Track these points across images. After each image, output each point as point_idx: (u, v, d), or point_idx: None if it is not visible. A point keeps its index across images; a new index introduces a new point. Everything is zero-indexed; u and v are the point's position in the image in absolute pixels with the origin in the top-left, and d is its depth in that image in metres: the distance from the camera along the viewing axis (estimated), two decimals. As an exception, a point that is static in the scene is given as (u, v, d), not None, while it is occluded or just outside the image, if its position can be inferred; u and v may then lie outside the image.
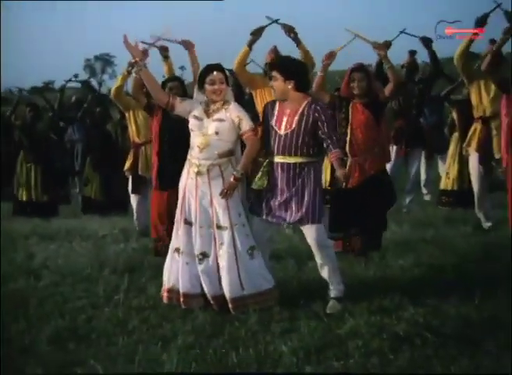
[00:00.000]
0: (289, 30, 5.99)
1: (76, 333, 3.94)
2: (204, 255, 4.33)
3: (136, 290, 4.77)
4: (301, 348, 3.55)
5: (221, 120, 4.30)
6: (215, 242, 4.33)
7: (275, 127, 4.38)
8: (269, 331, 3.86)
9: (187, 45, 5.78)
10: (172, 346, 3.69)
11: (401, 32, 6.69)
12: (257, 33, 6.10)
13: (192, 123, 4.36)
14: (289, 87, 4.32)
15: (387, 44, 6.29)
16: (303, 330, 3.82)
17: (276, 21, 6.01)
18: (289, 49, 6.35)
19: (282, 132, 4.33)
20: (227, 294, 4.26)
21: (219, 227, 4.31)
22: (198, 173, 4.32)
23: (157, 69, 6.06)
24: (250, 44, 6.12)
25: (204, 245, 4.33)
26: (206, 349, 3.62)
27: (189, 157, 4.41)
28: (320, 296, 4.33)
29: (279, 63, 4.56)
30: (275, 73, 4.38)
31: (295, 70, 4.39)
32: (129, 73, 6.68)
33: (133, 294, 4.67)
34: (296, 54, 5.82)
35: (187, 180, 4.40)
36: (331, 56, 5.14)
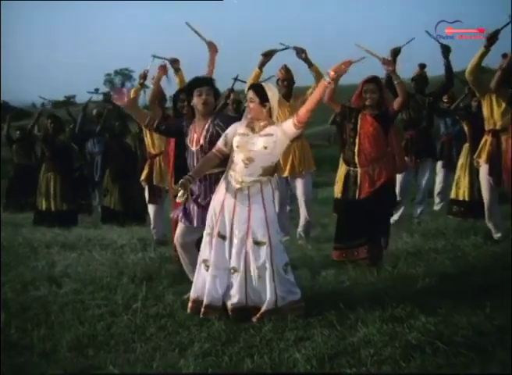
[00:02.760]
0: (301, 52, 6.04)
1: (95, 340, 3.95)
2: (235, 270, 4.32)
3: (153, 298, 4.77)
4: (315, 356, 3.54)
5: (268, 135, 4.32)
6: (247, 257, 4.31)
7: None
8: (283, 339, 3.85)
9: (212, 47, 5.82)
10: (188, 353, 3.69)
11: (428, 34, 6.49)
12: (268, 55, 6.15)
13: (237, 140, 4.36)
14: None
15: (396, 50, 6.27)
16: (316, 338, 3.80)
17: (289, 47, 6.07)
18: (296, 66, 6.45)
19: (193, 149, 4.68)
20: (263, 307, 4.25)
21: (257, 243, 4.30)
22: (239, 190, 4.33)
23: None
24: (261, 66, 6.17)
25: (237, 260, 4.33)
26: (222, 356, 3.63)
27: (231, 173, 4.39)
28: (333, 305, 4.31)
29: (207, 81, 4.76)
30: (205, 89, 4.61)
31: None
32: (141, 85, 6.76)
33: (150, 302, 4.69)
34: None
35: (225, 195, 4.38)
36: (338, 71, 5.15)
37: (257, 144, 4.31)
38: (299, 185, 6.78)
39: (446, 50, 6.90)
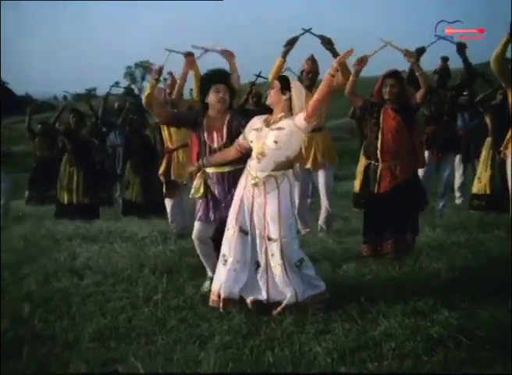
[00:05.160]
0: (327, 42, 5.98)
1: (117, 332, 3.98)
2: (258, 264, 4.36)
3: (174, 290, 4.79)
4: (336, 349, 3.54)
5: (280, 129, 4.29)
6: (267, 252, 4.33)
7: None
8: (304, 332, 3.85)
9: (227, 55, 5.75)
10: (209, 345, 3.70)
11: (438, 37, 6.49)
12: (291, 43, 6.11)
13: (252, 135, 4.39)
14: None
15: (420, 51, 6.21)
16: (337, 332, 3.80)
17: (309, 31, 6.00)
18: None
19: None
20: (284, 302, 4.26)
21: (270, 239, 4.31)
22: (255, 185, 4.34)
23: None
24: (285, 55, 6.15)
25: (258, 254, 4.36)
26: (242, 349, 3.63)
27: (248, 168, 4.42)
28: (354, 298, 4.29)
29: (221, 76, 4.75)
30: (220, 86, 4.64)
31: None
32: (156, 80, 6.76)
33: (171, 294, 4.71)
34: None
35: (244, 190, 4.40)
36: (363, 61, 5.11)
37: (268, 138, 4.30)
38: (321, 177, 6.75)
39: (461, 47, 6.84)
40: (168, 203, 7.32)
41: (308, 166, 6.68)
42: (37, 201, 11.23)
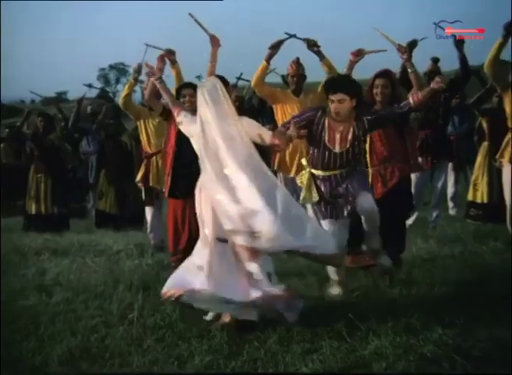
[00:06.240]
0: (313, 45, 6.03)
1: (88, 353, 3.95)
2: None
3: (151, 307, 4.76)
4: (323, 370, 3.54)
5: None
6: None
7: (328, 145, 4.77)
8: (290, 351, 3.84)
9: (214, 41, 5.82)
10: (188, 366, 3.70)
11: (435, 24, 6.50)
12: (274, 47, 6.16)
13: None
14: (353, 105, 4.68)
15: (413, 44, 6.23)
16: (325, 351, 3.79)
17: (294, 36, 6.07)
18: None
19: (337, 150, 4.79)
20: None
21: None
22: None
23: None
24: (269, 59, 6.20)
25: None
26: (224, 370, 3.64)
27: None
28: (343, 315, 4.29)
29: (346, 84, 4.80)
30: (341, 95, 4.65)
31: (359, 89, 4.76)
32: (135, 80, 6.76)
33: (148, 312, 4.68)
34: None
35: None
36: (359, 54, 5.14)
37: None
38: None
39: (459, 42, 6.88)
40: (148, 212, 7.33)
41: (292, 174, 6.66)
42: (4, 212, 11.12)
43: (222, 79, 4.84)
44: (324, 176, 4.89)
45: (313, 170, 4.92)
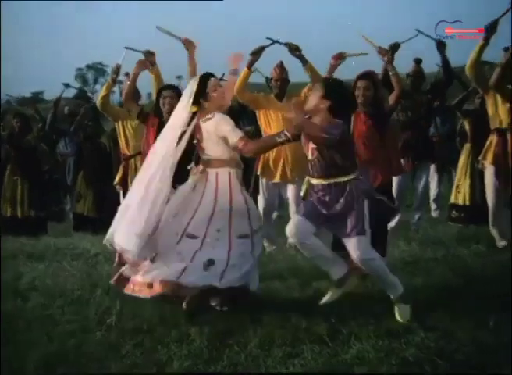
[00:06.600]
0: (295, 49, 6.05)
1: (65, 359, 3.91)
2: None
3: (129, 312, 4.73)
4: (304, 374, 3.53)
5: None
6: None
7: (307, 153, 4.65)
8: (271, 356, 3.83)
9: (187, 44, 5.82)
10: (167, 372, 3.67)
11: (418, 32, 6.56)
12: (256, 54, 6.18)
13: None
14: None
15: (395, 46, 6.27)
16: (306, 355, 3.79)
17: (277, 41, 6.09)
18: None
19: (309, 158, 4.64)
20: None
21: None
22: None
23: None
24: (250, 65, 6.21)
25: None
26: (204, 375, 3.61)
27: None
28: (324, 318, 4.31)
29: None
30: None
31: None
32: (113, 81, 6.73)
33: (126, 316, 4.65)
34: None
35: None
36: (340, 57, 5.15)
37: None
38: (290, 192, 6.73)
39: (441, 45, 6.95)
40: None
41: (277, 180, 6.66)
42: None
43: (212, 76, 4.83)
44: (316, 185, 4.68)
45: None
